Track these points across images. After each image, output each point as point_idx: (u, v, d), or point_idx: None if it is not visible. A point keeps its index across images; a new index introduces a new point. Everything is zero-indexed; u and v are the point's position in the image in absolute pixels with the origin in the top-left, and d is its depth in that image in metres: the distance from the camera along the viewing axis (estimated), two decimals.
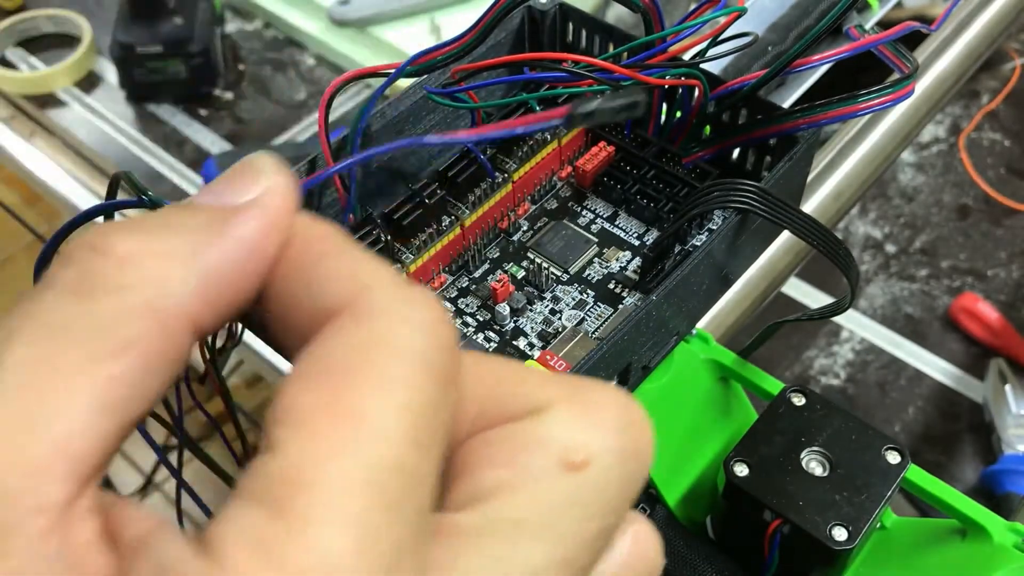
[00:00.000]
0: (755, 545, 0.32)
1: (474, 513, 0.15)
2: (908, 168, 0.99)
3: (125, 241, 0.15)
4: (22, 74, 0.95)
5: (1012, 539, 0.31)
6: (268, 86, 0.96)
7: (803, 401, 0.34)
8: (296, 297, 0.16)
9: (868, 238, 0.94)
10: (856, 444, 0.33)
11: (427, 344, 0.15)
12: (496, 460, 0.16)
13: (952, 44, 0.59)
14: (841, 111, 0.32)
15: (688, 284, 0.32)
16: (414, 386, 0.15)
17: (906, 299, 0.89)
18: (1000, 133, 1.01)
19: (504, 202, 0.36)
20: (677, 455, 0.35)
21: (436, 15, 0.94)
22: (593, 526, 0.16)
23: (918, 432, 0.81)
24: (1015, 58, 1.06)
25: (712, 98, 0.35)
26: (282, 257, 0.17)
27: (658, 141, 0.36)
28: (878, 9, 0.56)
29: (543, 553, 0.15)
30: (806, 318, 0.36)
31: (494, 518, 0.15)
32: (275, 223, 0.17)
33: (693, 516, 0.36)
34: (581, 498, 0.16)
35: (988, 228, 0.94)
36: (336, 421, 0.14)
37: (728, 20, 0.34)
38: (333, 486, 0.14)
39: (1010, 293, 0.89)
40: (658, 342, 0.32)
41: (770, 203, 0.31)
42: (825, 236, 0.31)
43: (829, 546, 0.30)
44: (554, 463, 0.16)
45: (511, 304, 0.33)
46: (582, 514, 0.16)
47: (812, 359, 0.85)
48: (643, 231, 0.36)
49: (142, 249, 0.15)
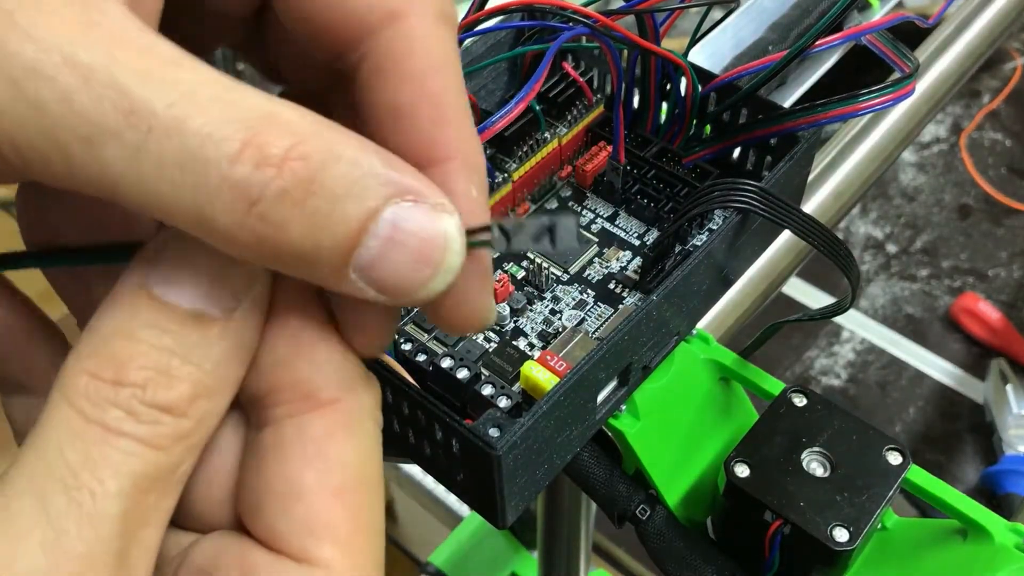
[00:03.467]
0: (756, 546, 0.32)
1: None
2: (909, 168, 0.99)
3: None
4: None
5: (1013, 539, 0.31)
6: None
7: (804, 401, 0.34)
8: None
9: (869, 238, 0.94)
10: (857, 444, 0.33)
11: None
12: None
13: (953, 43, 0.59)
14: (842, 111, 0.32)
15: (688, 284, 0.31)
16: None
17: (907, 299, 0.89)
18: (1001, 133, 1.01)
19: (504, 202, 0.36)
20: (677, 455, 0.35)
21: None
22: None
23: (919, 432, 0.81)
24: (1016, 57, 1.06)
25: (705, 92, 0.35)
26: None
27: (658, 140, 0.36)
28: (879, 9, 0.56)
29: None
30: (807, 318, 0.36)
31: None
32: (263, 317, 0.20)
33: (694, 517, 0.36)
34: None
35: (989, 228, 0.94)
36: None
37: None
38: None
39: (1011, 293, 0.89)
40: (658, 342, 0.32)
41: (771, 203, 0.31)
42: (826, 236, 0.31)
43: (830, 547, 0.30)
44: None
45: (511, 304, 0.33)
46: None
47: (813, 359, 0.85)
48: (643, 231, 0.36)
49: None
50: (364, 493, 0.19)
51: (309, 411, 0.19)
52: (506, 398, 0.29)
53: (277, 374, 0.19)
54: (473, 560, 0.81)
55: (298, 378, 0.19)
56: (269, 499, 0.19)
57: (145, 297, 0.18)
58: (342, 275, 0.18)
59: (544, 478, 0.29)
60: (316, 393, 0.19)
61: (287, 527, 0.19)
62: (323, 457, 0.19)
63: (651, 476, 0.34)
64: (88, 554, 0.16)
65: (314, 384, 0.19)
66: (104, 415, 0.17)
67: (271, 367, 0.19)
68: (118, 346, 0.17)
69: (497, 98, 0.39)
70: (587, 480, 0.35)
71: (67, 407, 0.17)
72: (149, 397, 0.17)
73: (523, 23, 0.35)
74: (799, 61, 0.34)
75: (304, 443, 0.19)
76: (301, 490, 0.19)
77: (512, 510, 0.28)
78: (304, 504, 0.19)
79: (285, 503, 0.19)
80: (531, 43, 0.37)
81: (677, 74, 0.35)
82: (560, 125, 0.38)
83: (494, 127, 0.30)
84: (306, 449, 0.19)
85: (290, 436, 0.19)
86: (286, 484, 0.19)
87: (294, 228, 0.17)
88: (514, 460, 0.26)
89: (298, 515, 0.19)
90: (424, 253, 0.18)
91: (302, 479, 0.19)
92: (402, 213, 0.17)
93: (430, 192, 0.18)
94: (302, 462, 0.19)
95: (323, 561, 0.19)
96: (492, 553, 0.83)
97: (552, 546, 0.61)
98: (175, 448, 0.18)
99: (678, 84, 0.35)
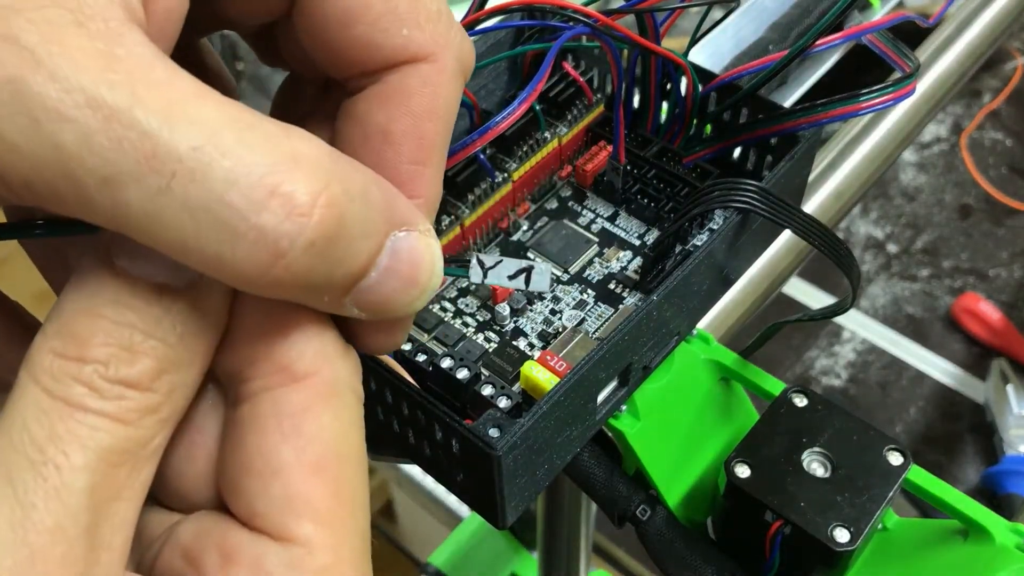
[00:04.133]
0: (756, 546, 0.32)
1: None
2: (909, 168, 0.99)
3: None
4: None
5: (1014, 540, 0.31)
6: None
7: (804, 402, 0.34)
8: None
9: (869, 238, 0.93)
10: (857, 445, 0.33)
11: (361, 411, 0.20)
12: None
13: (953, 43, 0.59)
14: (842, 110, 0.32)
15: (689, 284, 0.31)
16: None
17: (907, 299, 0.89)
18: (1002, 132, 1.01)
19: (504, 202, 0.36)
20: (678, 456, 0.35)
21: None
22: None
23: (919, 432, 0.81)
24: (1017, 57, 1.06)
25: (705, 92, 0.35)
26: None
27: (659, 140, 0.36)
28: (879, 8, 0.56)
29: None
30: (807, 318, 0.35)
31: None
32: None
33: (694, 517, 0.36)
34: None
35: (990, 228, 0.94)
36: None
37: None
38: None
39: (1012, 293, 0.89)
40: (659, 342, 0.32)
41: (771, 203, 0.31)
42: (826, 236, 0.31)
43: (831, 547, 0.30)
44: None
45: (511, 304, 0.33)
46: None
47: (813, 359, 0.85)
48: (644, 231, 0.36)
49: None
50: (344, 467, 0.19)
51: (285, 385, 0.19)
52: (506, 398, 0.29)
53: (251, 347, 0.19)
54: (473, 560, 0.81)
55: (272, 351, 0.19)
56: (247, 477, 0.19)
57: (109, 272, 0.18)
58: (339, 302, 0.18)
59: (544, 478, 0.29)
60: (291, 366, 0.19)
61: (266, 505, 0.18)
62: (300, 432, 0.19)
63: (651, 476, 0.34)
64: (56, 527, 0.16)
65: (288, 357, 0.19)
66: (68, 391, 0.17)
67: (244, 340, 0.19)
68: (81, 323, 0.17)
69: (497, 98, 0.39)
70: (587, 480, 0.35)
71: (32, 385, 0.17)
72: (112, 373, 0.17)
73: (523, 23, 0.35)
74: (799, 61, 0.34)
75: (280, 418, 0.19)
76: (278, 466, 0.19)
77: (512, 510, 0.28)
78: (282, 481, 0.18)
79: (263, 481, 0.19)
80: (531, 43, 0.37)
81: (677, 74, 0.35)
82: (560, 125, 0.38)
83: (497, 128, 0.30)
84: (282, 424, 0.19)
85: (266, 411, 0.19)
86: (263, 461, 0.19)
87: (314, 273, 0.17)
88: (514, 460, 0.26)
89: (276, 492, 0.18)
90: (413, 276, 0.18)
91: (279, 455, 0.19)
92: (398, 243, 0.18)
93: (418, 219, 0.19)
94: (279, 437, 0.19)
95: (303, 539, 0.18)
96: (492, 553, 0.82)
97: (552, 546, 0.61)
98: (144, 422, 0.18)
99: (678, 84, 0.35)
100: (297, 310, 0.19)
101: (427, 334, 0.33)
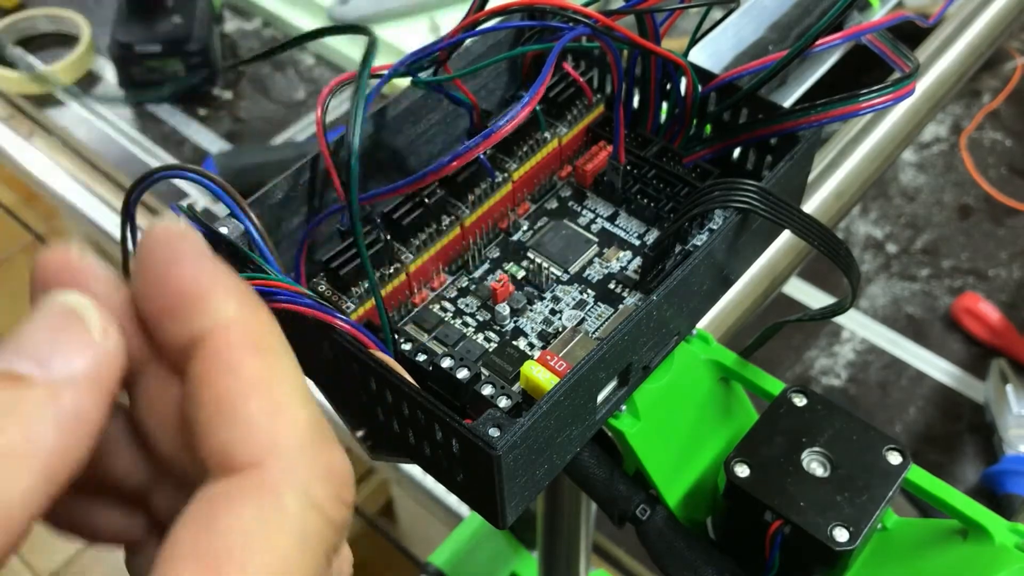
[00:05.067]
0: (756, 546, 0.32)
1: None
2: (909, 168, 0.99)
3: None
4: (21, 73, 0.95)
5: (1013, 540, 0.31)
6: (267, 85, 0.96)
7: (804, 401, 0.34)
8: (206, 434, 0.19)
9: (869, 238, 0.93)
10: (857, 444, 0.33)
11: (317, 527, 0.18)
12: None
13: (953, 43, 0.59)
14: (842, 110, 0.32)
15: (689, 284, 0.31)
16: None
17: (907, 299, 0.89)
18: (1001, 132, 1.01)
19: (504, 201, 0.36)
20: (677, 456, 0.35)
21: (435, 14, 0.94)
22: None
23: (919, 432, 0.81)
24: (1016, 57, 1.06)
25: (705, 92, 0.35)
26: (205, 388, 0.19)
27: (659, 140, 0.36)
28: (879, 8, 0.56)
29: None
30: (807, 318, 0.36)
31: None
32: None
33: (694, 517, 0.36)
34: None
35: (989, 228, 0.94)
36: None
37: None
38: None
39: (1011, 293, 0.89)
40: (658, 342, 0.32)
41: (771, 203, 0.31)
42: (826, 236, 0.31)
43: (830, 547, 0.30)
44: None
45: (511, 304, 0.33)
46: None
47: (813, 359, 0.85)
48: (643, 231, 0.36)
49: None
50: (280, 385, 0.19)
51: (207, 335, 0.19)
52: (506, 398, 0.29)
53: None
54: (473, 560, 0.81)
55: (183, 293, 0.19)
56: (206, 422, 0.19)
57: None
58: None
59: (544, 478, 0.29)
60: (211, 313, 0.19)
61: (227, 439, 0.18)
62: (232, 369, 0.19)
63: (651, 476, 0.34)
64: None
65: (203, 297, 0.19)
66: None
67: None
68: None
69: (497, 98, 0.39)
70: (587, 480, 0.35)
71: None
72: None
73: (523, 23, 0.35)
74: (799, 61, 0.34)
75: (219, 363, 0.19)
76: (231, 405, 0.18)
77: (512, 510, 0.28)
78: (234, 412, 0.18)
79: (220, 419, 0.18)
80: (531, 43, 0.37)
81: (677, 74, 0.35)
82: (560, 125, 0.38)
83: (500, 132, 0.30)
84: (220, 364, 0.19)
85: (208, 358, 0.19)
86: (214, 402, 0.19)
87: None
88: (514, 460, 0.26)
89: (234, 428, 0.18)
90: None
91: (229, 396, 0.19)
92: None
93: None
94: (227, 377, 0.19)
95: (260, 459, 0.18)
96: (492, 553, 0.82)
97: (552, 546, 0.61)
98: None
99: (678, 84, 0.35)
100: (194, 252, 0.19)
101: (427, 334, 0.33)
